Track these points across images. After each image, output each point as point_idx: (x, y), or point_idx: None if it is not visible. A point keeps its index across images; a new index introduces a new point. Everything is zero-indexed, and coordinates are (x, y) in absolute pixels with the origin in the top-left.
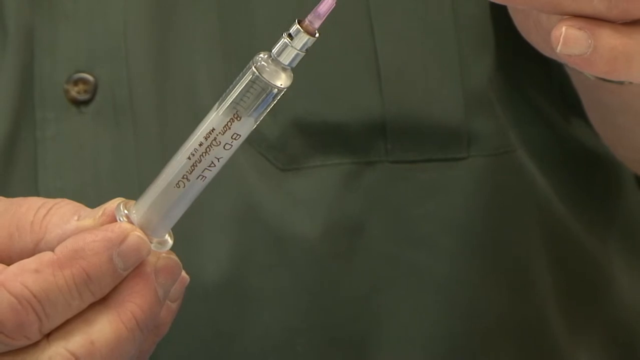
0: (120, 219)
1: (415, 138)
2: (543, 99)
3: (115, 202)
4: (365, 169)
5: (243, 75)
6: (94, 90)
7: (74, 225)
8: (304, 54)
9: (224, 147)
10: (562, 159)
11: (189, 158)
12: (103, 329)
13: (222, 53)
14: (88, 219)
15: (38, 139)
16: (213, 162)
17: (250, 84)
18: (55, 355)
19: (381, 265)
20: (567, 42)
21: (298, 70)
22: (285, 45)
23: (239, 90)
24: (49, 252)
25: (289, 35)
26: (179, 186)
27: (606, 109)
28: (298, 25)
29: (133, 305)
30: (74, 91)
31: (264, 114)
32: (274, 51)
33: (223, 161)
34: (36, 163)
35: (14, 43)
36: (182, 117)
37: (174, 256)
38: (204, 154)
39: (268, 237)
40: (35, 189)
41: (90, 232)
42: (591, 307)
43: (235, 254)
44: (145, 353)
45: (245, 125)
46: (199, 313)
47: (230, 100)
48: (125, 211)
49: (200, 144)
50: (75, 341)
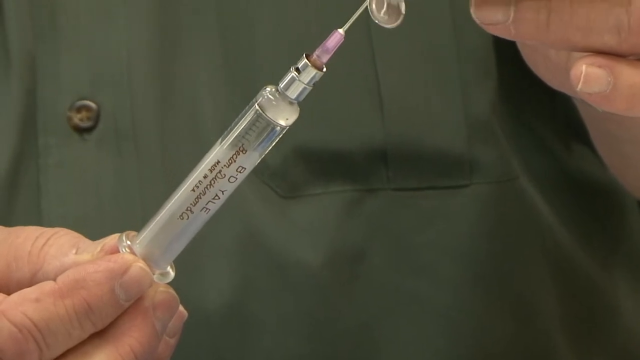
0: (122, 249)
1: (417, 166)
2: (546, 127)
3: (115, 238)
4: (366, 196)
5: (247, 112)
6: (96, 117)
7: (72, 259)
8: (311, 88)
9: (229, 180)
10: (565, 187)
11: (193, 190)
12: None
13: (225, 81)
14: (86, 254)
15: (41, 165)
16: (217, 195)
17: (254, 120)
18: None
19: (382, 293)
20: (588, 81)
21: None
22: (292, 80)
23: (242, 126)
24: (51, 282)
25: (297, 69)
26: (183, 218)
27: (614, 139)
28: (306, 60)
29: (131, 339)
30: (77, 118)
31: (269, 148)
32: (282, 85)
33: (227, 194)
34: (39, 190)
35: (17, 71)
36: (185, 145)
37: (172, 290)
38: (208, 186)
39: (270, 264)
40: (39, 216)
41: (92, 263)
42: (597, 333)
43: (237, 281)
44: None
45: (251, 159)
46: (201, 341)
47: (234, 134)
48: (128, 242)
49: (205, 176)
50: None
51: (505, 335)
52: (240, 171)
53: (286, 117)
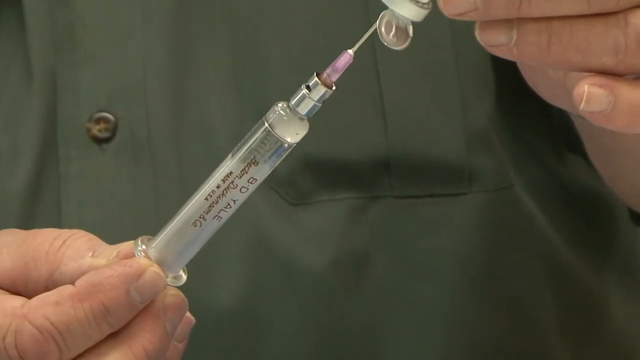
0: (138, 253)
1: (418, 174)
2: (541, 139)
3: (130, 245)
4: (370, 203)
5: (258, 129)
6: (114, 128)
7: (88, 262)
8: (320, 105)
9: (240, 190)
10: (559, 195)
11: (207, 199)
12: None
13: (236, 94)
14: (102, 259)
15: (62, 175)
16: (229, 204)
17: (264, 136)
18: None
19: (385, 296)
20: (590, 100)
21: None
22: (303, 97)
23: (253, 140)
24: (69, 286)
25: (308, 87)
26: (196, 225)
27: (609, 151)
28: (317, 78)
29: (144, 339)
30: (96, 129)
31: (279, 161)
32: (293, 102)
33: (239, 203)
34: (60, 197)
35: (39, 85)
36: (199, 155)
37: (181, 293)
38: (221, 196)
39: (278, 269)
40: (59, 222)
41: (109, 267)
42: (591, 336)
43: (247, 285)
44: None
45: (262, 171)
46: (211, 343)
47: (246, 148)
48: (143, 246)
49: (218, 186)
50: None
51: (502, 338)
52: (251, 182)
53: (296, 132)
